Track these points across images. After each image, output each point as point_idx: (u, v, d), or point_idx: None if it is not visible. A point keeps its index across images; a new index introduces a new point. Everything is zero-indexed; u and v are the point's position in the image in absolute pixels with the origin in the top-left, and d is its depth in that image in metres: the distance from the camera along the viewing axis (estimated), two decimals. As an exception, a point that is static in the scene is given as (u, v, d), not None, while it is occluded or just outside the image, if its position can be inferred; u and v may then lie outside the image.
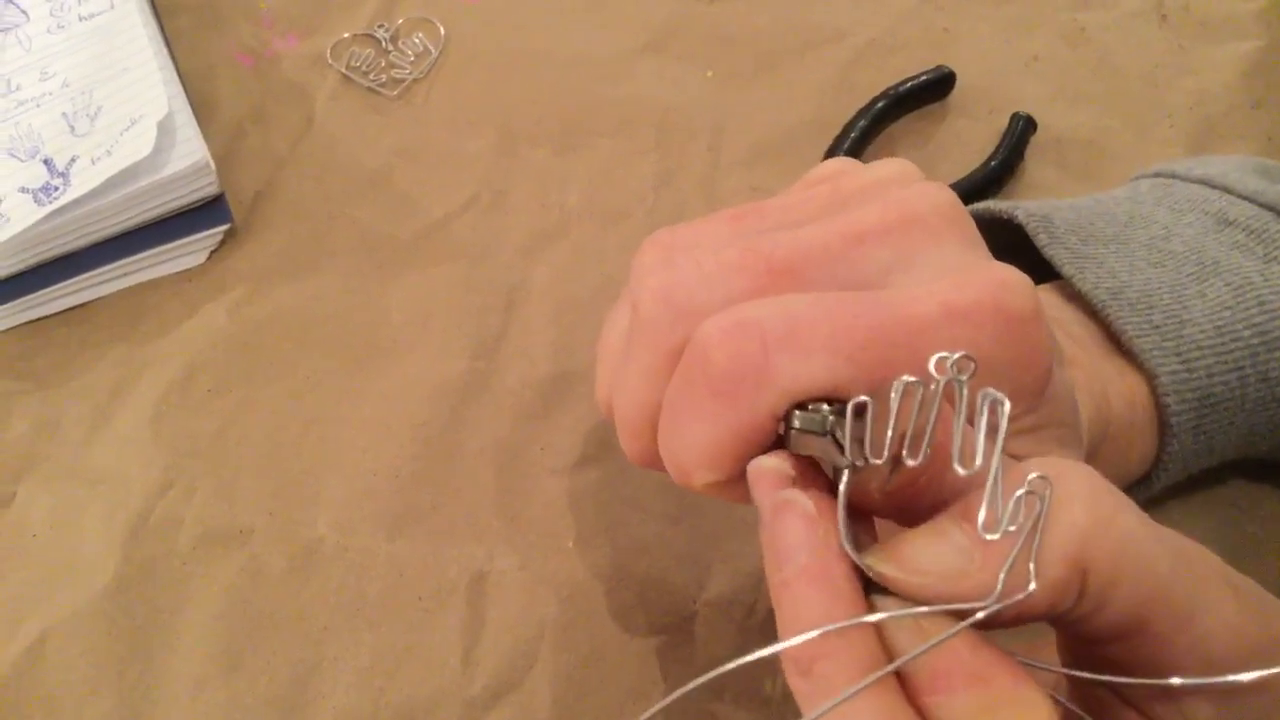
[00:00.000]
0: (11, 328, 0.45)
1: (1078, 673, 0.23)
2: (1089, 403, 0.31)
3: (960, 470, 0.21)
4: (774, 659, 0.22)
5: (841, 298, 0.25)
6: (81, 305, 0.46)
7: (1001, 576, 0.20)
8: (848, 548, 0.22)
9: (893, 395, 0.21)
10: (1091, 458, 0.31)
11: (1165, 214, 0.37)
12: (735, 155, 0.50)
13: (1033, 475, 0.20)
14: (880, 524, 0.25)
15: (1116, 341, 0.33)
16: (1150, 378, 0.32)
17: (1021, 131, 0.48)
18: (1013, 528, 0.20)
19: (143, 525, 0.40)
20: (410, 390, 0.43)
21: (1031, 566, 0.20)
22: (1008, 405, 0.20)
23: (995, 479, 0.21)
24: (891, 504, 0.24)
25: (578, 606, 0.38)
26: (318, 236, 0.48)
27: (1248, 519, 0.39)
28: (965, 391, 0.21)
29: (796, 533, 0.23)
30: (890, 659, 0.21)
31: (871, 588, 0.22)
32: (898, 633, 0.22)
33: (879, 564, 0.22)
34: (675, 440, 0.26)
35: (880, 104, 0.49)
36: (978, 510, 0.21)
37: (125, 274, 0.46)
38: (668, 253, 0.27)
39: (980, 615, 0.21)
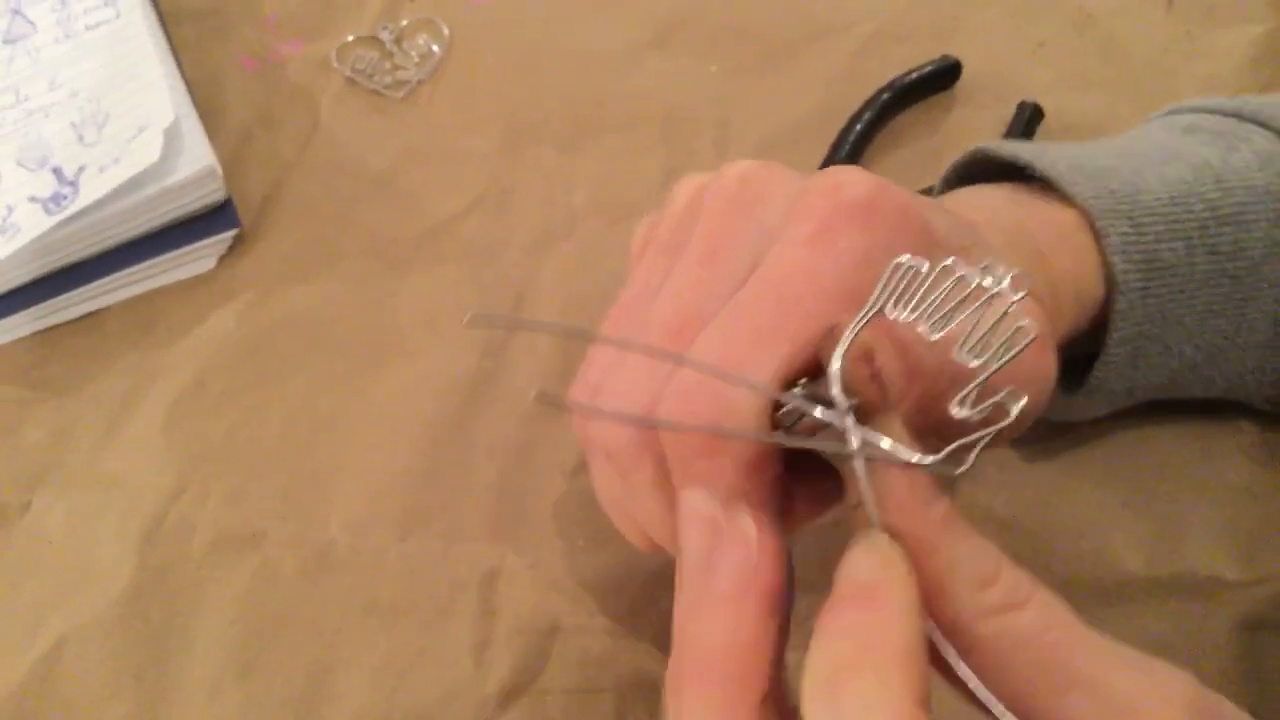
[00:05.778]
0: (24, 336, 0.46)
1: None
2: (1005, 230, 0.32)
3: (973, 362, 0.22)
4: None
5: (731, 306, 0.26)
6: (92, 313, 0.46)
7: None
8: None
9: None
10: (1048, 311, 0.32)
11: (1135, 130, 0.39)
12: (741, 149, 0.49)
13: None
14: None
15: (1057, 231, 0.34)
16: (1100, 238, 0.33)
17: (1029, 120, 0.48)
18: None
19: (157, 530, 0.40)
20: (420, 390, 0.43)
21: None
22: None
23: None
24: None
25: (589, 605, 0.38)
26: (325, 239, 0.48)
27: (1261, 505, 0.38)
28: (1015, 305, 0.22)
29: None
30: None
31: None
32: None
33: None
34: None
35: (886, 95, 0.49)
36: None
37: (135, 281, 0.46)
38: (593, 395, 0.29)
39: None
